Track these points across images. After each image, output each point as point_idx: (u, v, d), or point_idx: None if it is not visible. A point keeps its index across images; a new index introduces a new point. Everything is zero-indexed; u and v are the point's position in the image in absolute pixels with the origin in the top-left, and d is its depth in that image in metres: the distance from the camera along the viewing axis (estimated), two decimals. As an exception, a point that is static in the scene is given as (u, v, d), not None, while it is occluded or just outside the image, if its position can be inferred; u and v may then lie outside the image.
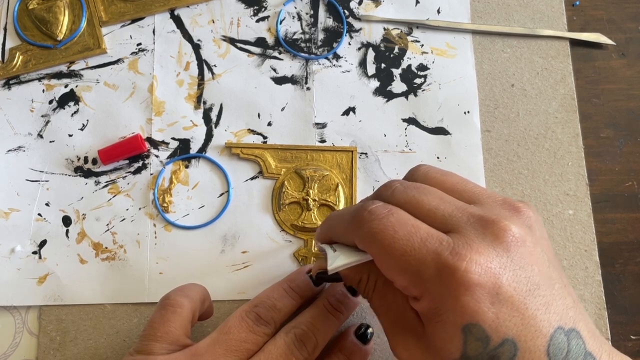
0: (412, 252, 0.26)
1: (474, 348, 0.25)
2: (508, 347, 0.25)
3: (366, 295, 0.31)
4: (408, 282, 0.26)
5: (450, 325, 0.25)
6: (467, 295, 0.25)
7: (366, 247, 0.27)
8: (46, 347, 0.38)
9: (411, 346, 0.28)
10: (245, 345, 0.31)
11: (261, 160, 0.41)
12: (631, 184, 0.42)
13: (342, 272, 0.30)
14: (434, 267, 0.25)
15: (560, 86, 0.43)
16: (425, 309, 0.26)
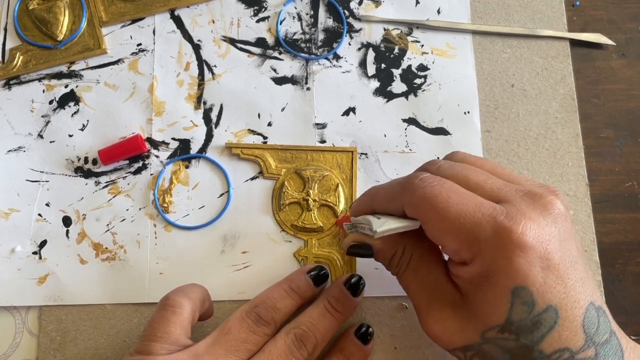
0: (467, 215, 0.26)
1: (519, 312, 0.26)
2: (550, 314, 0.26)
3: (397, 270, 0.31)
4: (460, 244, 0.27)
5: (500, 288, 0.26)
6: (522, 256, 0.25)
7: (418, 212, 0.28)
8: (46, 348, 0.38)
9: (447, 318, 0.29)
10: (246, 346, 0.31)
11: (261, 160, 0.41)
12: (631, 184, 0.42)
13: (376, 246, 0.31)
14: (490, 228, 0.26)
15: (560, 86, 0.43)
16: (475, 273, 0.27)
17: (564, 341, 0.26)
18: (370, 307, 0.39)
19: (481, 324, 0.28)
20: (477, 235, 0.26)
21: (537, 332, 0.26)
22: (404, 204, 0.29)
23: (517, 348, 0.27)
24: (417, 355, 0.38)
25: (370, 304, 0.39)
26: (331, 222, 0.40)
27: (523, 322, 0.26)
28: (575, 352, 0.26)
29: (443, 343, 0.30)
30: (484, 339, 0.28)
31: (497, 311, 0.27)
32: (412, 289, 0.31)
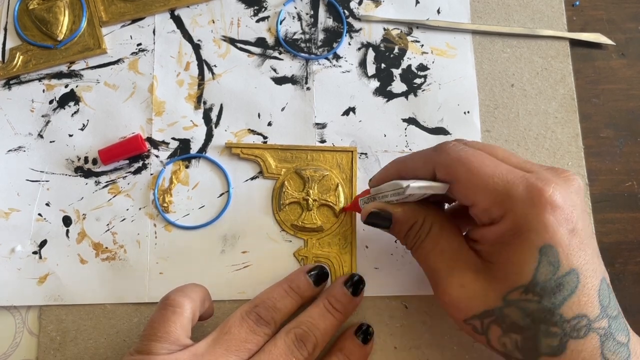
0: (500, 175, 0.28)
1: (544, 272, 0.27)
2: (572, 278, 0.27)
3: (415, 241, 0.32)
4: (493, 201, 0.28)
5: (528, 245, 0.27)
6: (552, 214, 0.27)
7: (451, 171, 0.29)
8: (46, 347, 0.38)
9: (468, 283, 0.29)
10: (246, 345, 0.31)
11: (261, 160, 0.41)
12: (631, 184, 0.42)
13: (397, 214, 0.31)
14: (523, 187, 0.27)
15: (560, 86, 0.43)
16: (505, 230, 0.28)
17: (582, 307, 0.27)
18: (370, 307, 0.39)
19: (505, 286, 0.28)
20: (509, 192, 0.27)
21: (559, 294, 0.27)
22: (436, 165, 0.30)
23: (539, 311, 0.27)
24: (417, 355, 0.38)
25: (370, 303, 0.39)
26: (331, 222, 0.40)
27: (547, 284, 0.27)
28: (592, 320, 0.27)
29: (461, 310, 0.30)
30: (506, 301, 0.28)
31: (523, 270, 0.27)
32: (431, 259, 0.31)
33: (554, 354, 0.27)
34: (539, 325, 0.27)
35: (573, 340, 0.27)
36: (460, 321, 0.30)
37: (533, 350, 0.28)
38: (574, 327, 0.27)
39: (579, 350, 0.27)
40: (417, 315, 0.39)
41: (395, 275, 0.39)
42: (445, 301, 0.30)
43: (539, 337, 0.28)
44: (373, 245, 0.40)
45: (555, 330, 0.27)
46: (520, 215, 0.27)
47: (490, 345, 0.30)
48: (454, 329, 0.39)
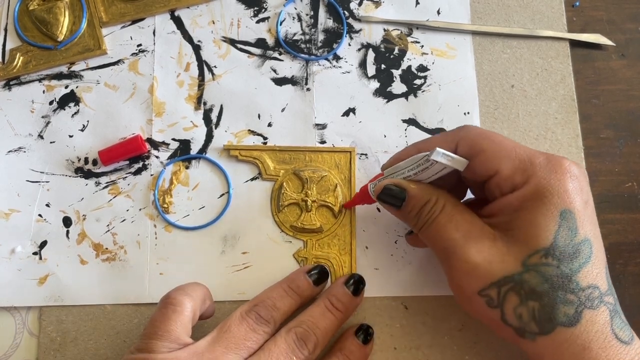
0: (521, 148, 0.30)
1: (564, 236, 0.28)
2: (587, 247, 0.28)
3: (427, 218, 0.32)
4: (516, 168, 0.30)
5: (550, 208, 0.28)
6: (571, 182, 0.29)
7: (475, 144, 0.31)
8: (46, 348, 0.38)
9: (486, 248, 0.29)
10: (246, 343, 0.31)
11: (260, 162, 0.41)
12: (631, 185, 0.42)
13: (412, 190, 0.32)
14: (544, 157, 0.30)
15: (560, 87, 0.43)
16: (528, 193, 0.29)
17: (595, 278, 0.29)
18: (370, 308, 0.39)
19: (525, 250, 0.29)
20: (531, 160, 0.30)
21: (576, 261, 0.28)
22: (459, 139, 0.32)
23: (557, 277, 0.28)
24: (417, 355, 0.38)
25: (370, 304, 0.39)
26: (330, 223, 0.40)
27: (566, 248, 0.28)
28: (603, 293, 0.28)
29: (479, 278, 0.29)
30: (526, 266, 0.28)
31: (544, 233, 0.28)
32: (447, 231, 0.31)
33: (570, 323, 0.28)
34: (557, 292, 0.28)
35: (588, 311, 0.28)
36: (474, 294, 0.30)
37: (550, 320, 0.28)
38: (588, 297, 0.28)
39: (593, 321, 0.28)
40: (417, 316, 0.39)
41: (395, 275, 0.39)
42: (463, 270, 0.30)
43: (556, 304, 0.28)
44: (373, 246, 0.40)
45: (571, 298, 0.28)
46: (543, 178, 0.29)
47: (503, 320, 0.29)
48: (454, 329, 0.39)
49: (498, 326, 0.30)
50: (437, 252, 0.32)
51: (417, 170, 0.32)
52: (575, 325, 0.28)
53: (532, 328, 0.29)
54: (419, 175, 0.32)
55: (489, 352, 0.38)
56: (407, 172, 0.32)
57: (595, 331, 0.28)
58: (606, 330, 0.28)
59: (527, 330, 0.29)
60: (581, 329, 0.28)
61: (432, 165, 0.31)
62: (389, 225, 0.40)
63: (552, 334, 0.28)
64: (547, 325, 0.28)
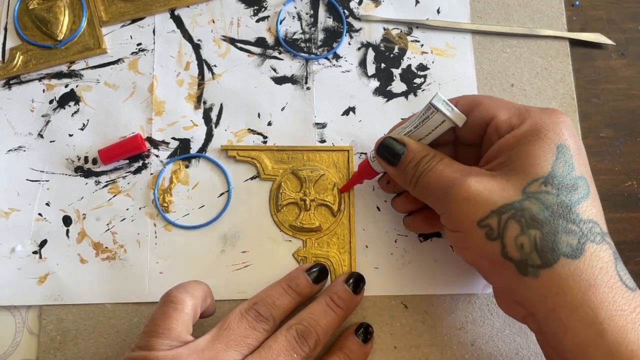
0: (515, 103, 0.33)
1: (561, 168, 0.29)
2: (584, 184, 0.29)
3: (427, 166, 0.32)
4: (513, 113, 0.31)
5: (547, 141, 0.29)
6: (564, 125, 0.30)
7: (474, 99, 0.33)
8: (46, 347, 0.38)
9: (486, 180, 0.30)
10: (246, 340, 0.31)
11: (258, 162, 0.41)
12: (631, 184, 0.42)
13: (412, 144, 0.33)
14: (536, 108, 0.32)
15: (560, 86, 0.43)
16: (525, 130, 0.30)
17: (595, 215, 0.29)
18: (370, 307, 0.39)
19: (524, 179, 0.29)
20: (526, 108, 0.32)
21: (574, 193, 0.29)
22: (458, 100, 0.34)
23: (557, 205, 0.28)
24: (416, 354, 0.38)
25: (370, 303, 0.39)
26: (329, 222, 0.40)
27: (564, 180, 0.29)
28: (604, 233, 0.29)
29: (479, 206, 0.29)
30: (526, 194, 0.29)
31: (542, 162, 0.29)
32: (446, 173, 0.31)
33: (574, 255, 0.27)
34: (558, 220, 0.28)
35: (591, 244, 0.28)
36: (473, 226, 0.29)
37: (552, 250, 0.28)
38: (590, 230, 0.28)
39: (597, 256, 0.28)
40: (417, 315, 0.39)
41: (395, 274, 0.39)
42: (463, 197, 0.30)
43: (558, 233, 0.28)
44: (372, 244, 0.40)
45: (573, 228, 0.28)
46: (539, 118, 0.30)
47: (504, 254, 0.29)
48: (454, 328, 0.39)
49: (498, 265, 0.29)
50: (433, 197, 0.32)
51: (418, 122, 0.33)
52: (579, 258, 0.27)
53: (534, 260, 0.28)
54: (420, 129, 0.33)
55: (488, 351, 0.38)
56: (409, 127, 0.34)
57: (600, 268, 0.27)
58: (611, 270, 0.28)
59: (530, 264, 0.28)
60: (585, 263, 0.27)
61: (432, 114, 0.32)
62: (389, 224, 0.40)
63: (555, 267, 0.27)
64: (550, 255, 0.28)
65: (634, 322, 0.27)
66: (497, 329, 0.39)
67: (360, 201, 0.40)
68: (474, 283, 0.39)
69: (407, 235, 0.40)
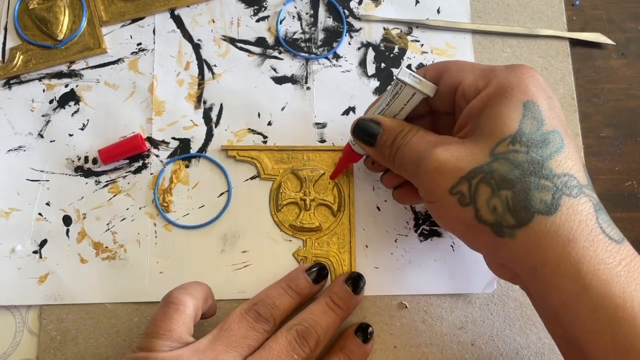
0: (480, 64, 0.32)
1: (529, 125, 0.28)
2: (556, 137, 0.28)
3: (402, 141, 0.32)
4: (478, 77, 0.31)
5: (513, 100, 0.29)
6: (531, 80, 0.29)
7: (441, 66, 0.33)
8: (47, 347, 0.38)
9: (454, 147, 0.29)
10: (246, 341, 0.31)
11: (258, 162, 0.41)
12: (631, 184, 0.42)
13: (386, 122, 0.33)
14: (503, 67, 0.31)
15: (560, 86, 0.43)
16: (491, 91, 0.29)
17: (571, 168, 0.28)
18: (370, 307, 0.39)
19: (491, 141, 0.28)
20: (492, 69, 0.31)
21: (546, 148, 0.28)
22: (426, 70, 0.33)
23: (528, 162, 0.27)
24: (416, 354, 0.38)
25: (370, 303, 0.39)
26: (329, 222, 0.40)
27: (533, 135, 0.28)
28: (582, 184, 0.28)
29: (448, 174, 0.29)
30: (494, 155, 0.28)
31: (509, 121, 0.28)
32: (418, 145, 0.31)
33: (549, 211, 0.27)
34: (529, 178, 0.27)
35: (567, 198, 0.27)
36: (445, 194, 0.29)
37: (526, 208, 0.27)
38: (565, 184, 0.27)
39: (574, 210, 0.27)
40: (417, 315, 0.39)
41: (395, 274, 0.39)
42: (431, 168, 0.29)
43: (530, 190, 0.27)
44: (372, 244, 0.40)
45: (546, 184, 0.27)
46: (504, 78, 0.29)
47: (478, 218, 0.28)
48: (453, 328, 0.39)
49: (475, 230, 0.29)
50: (408, 171, 0.32)
51: (389, 99, 0.33)
52: (554, 213, 0.26)
53: (508, 220, 0.27)
54: (392, 105, 0.33)
55: (489, 351, 0.38)
56: (382, 106, 0.34)
57: (578, 221, 0.26)
58: (591, 223, 0.27)
59: (504, 225, 0.27)
60: (562, 218, 0.26)
61: (402, 89, 0.32)
62: (389, 224, 0.40)
63: (531, 225, 0.27)
64: (524, 214, 0.27)
65: (619, 275, 0.26)
66: (497, 329, 0.39)
67: (360, 201, 0.40)
68: (474, 283, 0.39)
69: (407, 235, 0.40)
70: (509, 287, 0.39)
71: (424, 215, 0.40)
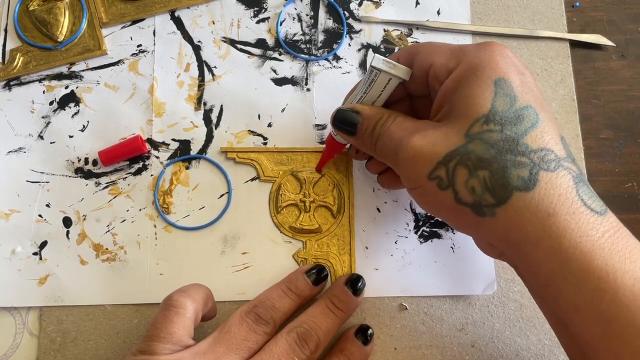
0: (451, 44, 0.32)
1: (502, 102, 0.28)
2: (531, 113, 0.28)
3: (382, 129, 0.32)
4: (449, 57, 0.30)
5: (484, 78, 0.28)
6: (501, 57, 0.29)
7: (413, 49, 0.32)
8: (46, 348, 0.38)
9: (430, 133, 0.29)
10: (246, 344, 0.31)
11: (257, 164, 0.41)
12: (631, 185, 0.42)
13: (365, 110, 0.33)
14: (473, 45, 0.30)
15: (560, 87, 0.43)
16: (462, 71, 0.29)
17: (547, 142, 0.27)
18: (370, 308, 0.39)
19: (465, 122, 0.28)
20: (462, 48, 0.31)
21: (520, 125, 0.28)
22: (399, 55, 0.33)
23: (503, 141, 0.27)
24: (416, 355, 0.38)
25: (370, 304, 0.39)
26: (329, 223, 0.40)
27: (506, 113, 0.28)
28: (561, 158, 0.27)
29: (425, 160, 0.29)
30: (469, 136, 0.28)
31: (481, 101, 0.28)
32: (396, 133, 0.31)
33: (527, 187, 0.26)
34: (505, 156, 0.27)
35: (545, 172, 0.27)
36: (425, 180, 0.29)
37: (504, 186, 0.27)
38: (542, 159, 0.27)
39: (553, 184, 0.26)
40: (417, 316, 0.39)
41: (395, 276, 0.39)
42: (409, 157, 0.29)
43: (507, 168, 0.27)
44: (372, 246, 0.40)
45: (523, 160, 0.27)
46: (474, 57, 0.29)
47: (458, 200, 0.28)
48: (454, 329, 0.39)
49: (456, 212, 0.29)
50: (388, 159, 0.32)
51: (366, 87, 0.33)
52: (533, 189, 0.26)
53: (487, 200, 0.27)
54: (370, 93, 0.33)
55: (489, 353, 0.38)
56: (360, 95, 0.34)
57: (558, 195, 0.26)
58: (571, 196, 0.26)
59: (484, 204, 0.27)
60: (541, 193, 0.26)
61: (377, 76, 0.32)
62: (389, 226, 0.40)
63: (510, 202, 0.27)
64: (502, 192, 0.27)
65: (602, 247, 0.26)
66: (497, 331, 0.39)
67: (360, 202, 0.40)
68: (474, 284, 0.39)
69: (407, 237, 0.40)
70: (509, 289, 0.39)
71: (424, 216, 0.40)
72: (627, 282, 0.25)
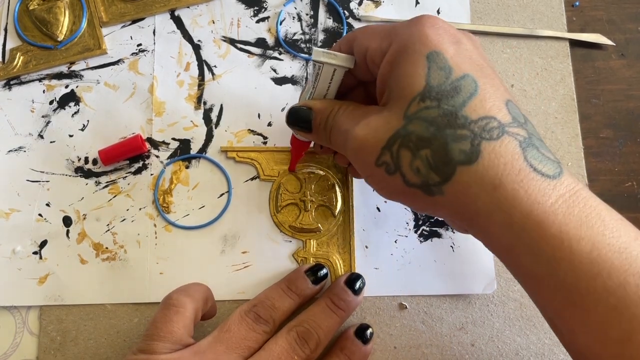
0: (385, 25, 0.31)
1: (436, 77, 0.27)
2: (469, 82, 0.27)
3: (334, 121, 0.32)
4: (382, 39, 0.30)
5: (416, 55, 0.27)
6: (432, 29, 0.28)
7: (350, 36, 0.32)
8: (46, 347, 0.38)
9: (373, 120, 0.29)
10: (246, 343, 0.31)
11: (257, 163, 0.41)
12: (631, 184, 0.42)
13: (316, 105, 0.33)
14: (405, 22, 0.30)
15: (559, 87, 0.43)
16: (394, 50, 0.29)
17: (489, 110, 0.26)
18: (370, 307, 0.39)
19: (402, 103, 0.27)
20: (394, 27, 0.30)
21: (457, 97, 0.26)
22: (340, 44, 0.33)
23: (441, 116, 0.26)
24: (416, 354, 0.38)
25: (370, 304, 0.39)
26: (329, 223, 0.40)
27: (442, 87, 0.27)
28: (504, 124, 0.26)
29: (370, 147, 0.28)
30: (407, 117, 0.27)
31: (415, 79, 0.27)
32: (342, 127, 0.31)
33: (469, 160, 0.25)
34: (444, 131, 0.26)
35: (487, 142, 0.25)
36: (373, 168, 0.29)
37: (446, 162, 0.26)
38: (484, 128, 0.26)
39: (497, 154, 0.25)
40: (417, 315, 0.39)
41: (395, 275, 0.39)
42: (355, 148, 0.29)
43: (448, 143, 0.26)
44: (372, 245, 0.40)
45: (463, 133, 0.26)
46: (404, 34, 0.28)
47: (406, 183, 0.28)
48: (453, 329, 0.39)
49: (409, 195, 0.28)
50: (343, 152, 0.32)
51: (314, 82, 0.32)
52: (476, 162, 0.25)
53: (433, 179, 0.26)
54: (318, 87, 0.33)
55: (489, 352, 0.38)
56: (310, 90, 0.33)
57: (503, 164, 0.25)
58: (518, 163, 0.25)
59: (431, 184, 0.27)
60: (485, 164, 0.25)
61: (321, 69, 0.31)
62: (389, 225, 0.40)
63: (455, 178, 0.26)
64: (446, 168, 0.26)
65: (556, 213, 0.24)
66: (497, 330, 0.39)
67: (360, 202, 0.40)
68: (474, 283, 0.39)
69: (407, 236, 0.40)
70: (508, 288, 0.40)
71: (424, 216, 0.41)
72: (583, 249, 0.24)
